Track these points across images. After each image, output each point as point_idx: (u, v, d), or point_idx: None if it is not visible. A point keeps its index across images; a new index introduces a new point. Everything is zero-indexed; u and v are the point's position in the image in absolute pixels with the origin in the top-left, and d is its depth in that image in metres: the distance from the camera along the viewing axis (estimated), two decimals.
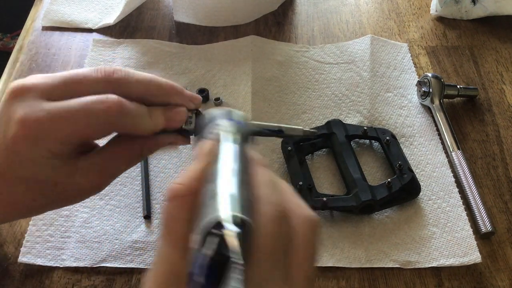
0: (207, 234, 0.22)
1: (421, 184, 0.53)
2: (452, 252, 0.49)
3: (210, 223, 0.23)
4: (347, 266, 0.48)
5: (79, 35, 0.70)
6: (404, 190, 0.52)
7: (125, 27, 0.71)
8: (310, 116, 0.61)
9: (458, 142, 0.57)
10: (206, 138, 0.32)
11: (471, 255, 0.49)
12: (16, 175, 0.33)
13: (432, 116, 0.61)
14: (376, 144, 0.58)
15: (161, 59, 0.66)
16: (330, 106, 0.62)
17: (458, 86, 0.62)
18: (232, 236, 0.22)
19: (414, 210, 0.52)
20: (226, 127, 0.33)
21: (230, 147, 0.30)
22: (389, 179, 0.52)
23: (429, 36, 0.72)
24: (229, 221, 0.23)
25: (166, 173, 0.55)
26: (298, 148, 0.56)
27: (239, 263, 0.21)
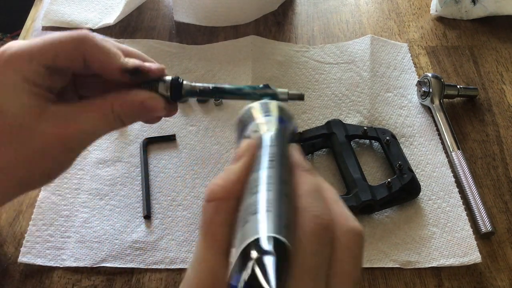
0: (244, 256, 0.22)
1: (421, 184, 0.53)
2: (452, 252, 0.49)
3: (248, 245, 0.22)
4: None
5: None
6: (404, 190, 0.52)
7: (125, 27, 0.71)
8: (310, 116, 0.61)
9: (458, 142, 0.57)
10: (248, 138, 0.30)
11: (471, 255, 0.49)
12: None
13: (432, 116, 0.61)
14: (376, 144, 0.58)
15: (161, 59, 0.66)
16: (330, 106, 0.62)
17: (458, 86, 0.62)
18: (267, 263, 0.21)
19: (414, 210, 0.52)
20: (269, 126, 0.31)
21: (272, 152, 0.28)
22: (389, 179, 0.52)
23: (429, 36, 0.72)
24: (265, 244, 0.22)
25: (166, 173, 0.55)
26: None
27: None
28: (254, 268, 0.21)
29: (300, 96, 0.37)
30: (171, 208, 0.52)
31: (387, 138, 0.56)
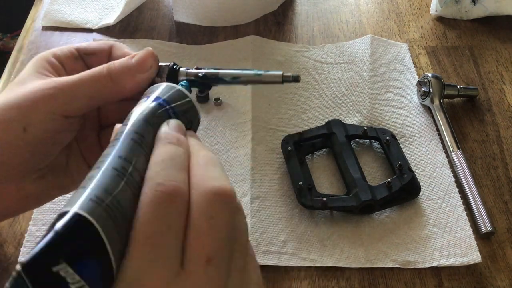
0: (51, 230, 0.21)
1: (421, 184, 0.53)
2: (452, 252, 0.49)
3: (55, 220, 0.22)
4: (347, 266, 0.48)
5: (79, 35, 0.70)
6: (404, 190, 0.52)
7: (125, 27, 0.71)
8: (310, 116, 0.61)
9: (458, 142, 0.57)
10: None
11: (471, 255, 0.49)
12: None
13: (432, 116, 0.61)
14: (376, 144, 0.58)
15: (161, 59, 0.66)
16: (330, 106, 0.62)
17: (458, 86, 0.62)
18: (48, 239, 0.21)
19: (414, 210, 0.52)
20: (138, 107, 0.30)
21: (120, 130, 0.27)
22: (389, 179, 0.52)
23: (429, 36, 0.72)
24: (67, 221, 0.21)
25: None
26: (298, 148, 0.56)
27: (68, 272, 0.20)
28: (42, 245, 0.21)
29: (295, 78, 0.35)
30: None
31: (387, 138, 0.56)
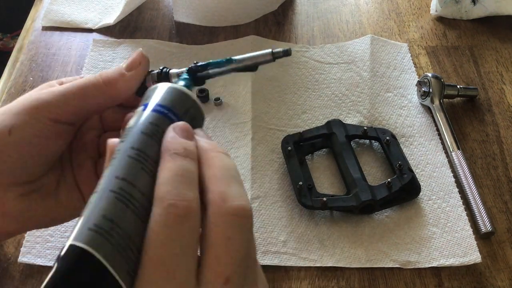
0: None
1: (421, 184, 0.53)
2: (452, 252, 0.49)
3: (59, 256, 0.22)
4: (347, 266, 0.48)
5: (79, 35, 0.70)
6: (404, 190, 0.52)
7: (125, 27, 0.71)
8: (310, 116, 0.61)
9: (458, 142, 0.57)
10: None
11: (471, 255, 0.49)
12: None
13: (432, 116, 0.61)
14: (376, 144, 0.58)
15: (161, 59, 0.66)
16: (330, 106, 0.62)
17: (458, 86, 0.62)
18: (52, 272, 0.21)
19: (414, 210, 0.52)
20: (134, 118, 0.27)
21: (117, 148, 0.26)
22: (389, 179, 0.52)
23: (429, 36, 0.72)
24: (65, 257, 0.21)
25: None
26: (298, 148, 0.56)
27: None
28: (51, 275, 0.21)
29: (286, 52, 0.33)
30: None
31: (387, 138, 0.56)
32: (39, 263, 0.47)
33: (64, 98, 0.32)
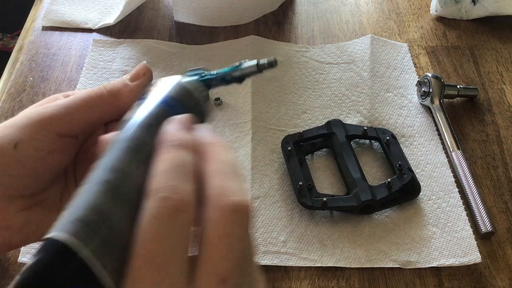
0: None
1: (421, 184, 0.53)
2: (452, 252, 0.49)
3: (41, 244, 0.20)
4: (347, 266, 0.48)
5: (79, 35, 0.70)
6: (404, 190, 0.52)
7: (125, 27, 0.71)
8: (310, 116, 0.61)
9: (458, 142, 0.57)
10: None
11: (471, 255, 0.49)
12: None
13: (432, 116, 0.61)
14: (376, 144, 0.58)
15: (161, 59, 0.66)
16: (330, 106, 0.62)
17: (458, 86, 0.62)
18: (29, 264, 0.20)
19: (414, 210, 0.52)
20: (131, 112, 0.26)
21: (113, 138, 0.25)
22: (389, 179, 0.52)
23: (429, 36, 0.72)
24: (47, 245, 0.20)
25: None
26: (298, 148, 0.56)
27: None
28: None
29: (271, 63, 0.31)
30: None
31: (387, 138, 0.56)
32: None
33: (69, 111, 0.32)
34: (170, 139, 0.24)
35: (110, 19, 0.70)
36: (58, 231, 0.20)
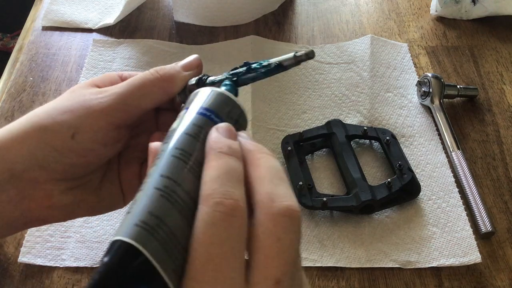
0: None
1: (421, 184, 0.53)
2: (452, 252, 0.49)
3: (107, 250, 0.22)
4: (347, 266, 0.48)
5: (79, 35, 0.70)
6: (404, 190, 0.52)
7: (125, 27, 0.71)
8: (310, 116, 0.61)
9: (458, 142, 0.57)
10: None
11: (471, 255, 0.49)
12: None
13: (432, 116, 0.61)
14: (376, 144, 0.58)
15: (161, 59, 0.66)
16: (330, 106, 0.62)
17: (458, 86, 0.62)
18: (100, 266, 0.21)
19: (414, 210, 0.52)
20: (177, 121, 0.28)
21: (161, 149, 0.26)
22: (389, 179, 0.52)
23: (429, 36, 0.72)
24: (114, 249, 0.22)
25: None
26: (298, 148, 0.56)
27: None
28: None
29: (309, 54, 0.32)
30: None
31: (387, 138, 0.56)
32: (39, 263, 0.47)
33: (126, 101, 0.33)
34: (219, 146, 0.25)
35: (110, 19, 0.70)
36: (123, 234, 0.22)
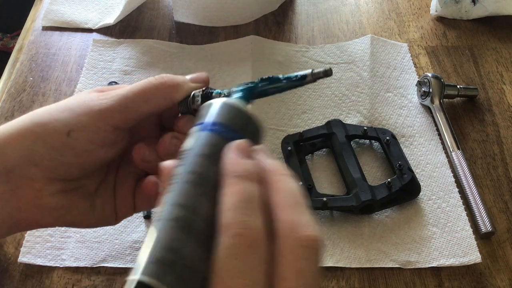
0: None
1: (421, 184, 0.53)
2: (452, 252, 0.49)
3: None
4: (347, 266, 0.48)
5: (79, 35, 0.70)
6: (404, 190, 0.52)
7: (125, 27, 0.71)
8: (310, 116, 0.61)
9: (458, 142, 0.57)
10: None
11: (471, 255, 0.49)
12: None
13: (432, 116, 0.61)
14: (376, 144, 0.58)
15: (161, 59, 0.66)
16: (330, 106, 0.62)
17: (458, 86, 0.62)
18: None
19: (414, 210, 0.52)
20: (188, 140, 0.27)
21: (175, 173, 0.25)
22: (389, 179, 0.52)
23: (429, 36, 0.72)
24: None
25: None
26: (298, 148, 0.56)
27: None
28: None
29: (327, 72, 0.32)
30: None
31: (387, 138, 0.56)
32: (39, 263, 0.47)
33: (127, 104, 0.32)
34: (234, 170, 0.24)
35: (110, 19, 0.70)
36: (141, 273, 0.22)
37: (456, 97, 0.63)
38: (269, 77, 0.32)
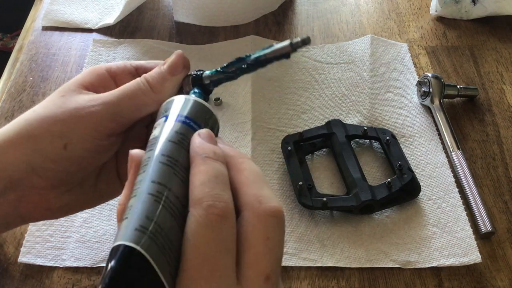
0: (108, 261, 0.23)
1: (421, 184, 0.53)
2: (452, 252, 0.49)
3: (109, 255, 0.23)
4: (347, 266, 0.48)
5: (79, 35, 0.70)
6: (404, 190, 0.52)
7: (125, 27, 0.71)
8: (310, 116, 0.61)
9: (458, 142, 0.57)
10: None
11: (471, 255, 0.49)
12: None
13: (432, 116, 0.61)
14: (376, 144, 0.58)
15: (161, 59, 0.66)
16: (330, 106, 0.62)
17: (458, 86, 0.62)
18: (107, 271, 0.22)
19: (414, 210, 0.52)
20: (157, 128, 0.29)
21: (147, 156, 0.27)
22: (389, 179, 0.52)
23: (429, 36, 0.72)
24: (116, 255, 0.23)
25: None
26: (298, 148, 0.56)
27: None
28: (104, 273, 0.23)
29: (305, 41, 0.31)
30: None
31: (387, 138, 0.56)
32: (39, 263, 0.47)
33: (118, 112, 0.33)
34: (204, 152, 0.27)
35: (110, 19, 0.70)
36: (126, 239, 0.23)
37: (456, 97, 0.63)
38: (247, 55, 0.37)
